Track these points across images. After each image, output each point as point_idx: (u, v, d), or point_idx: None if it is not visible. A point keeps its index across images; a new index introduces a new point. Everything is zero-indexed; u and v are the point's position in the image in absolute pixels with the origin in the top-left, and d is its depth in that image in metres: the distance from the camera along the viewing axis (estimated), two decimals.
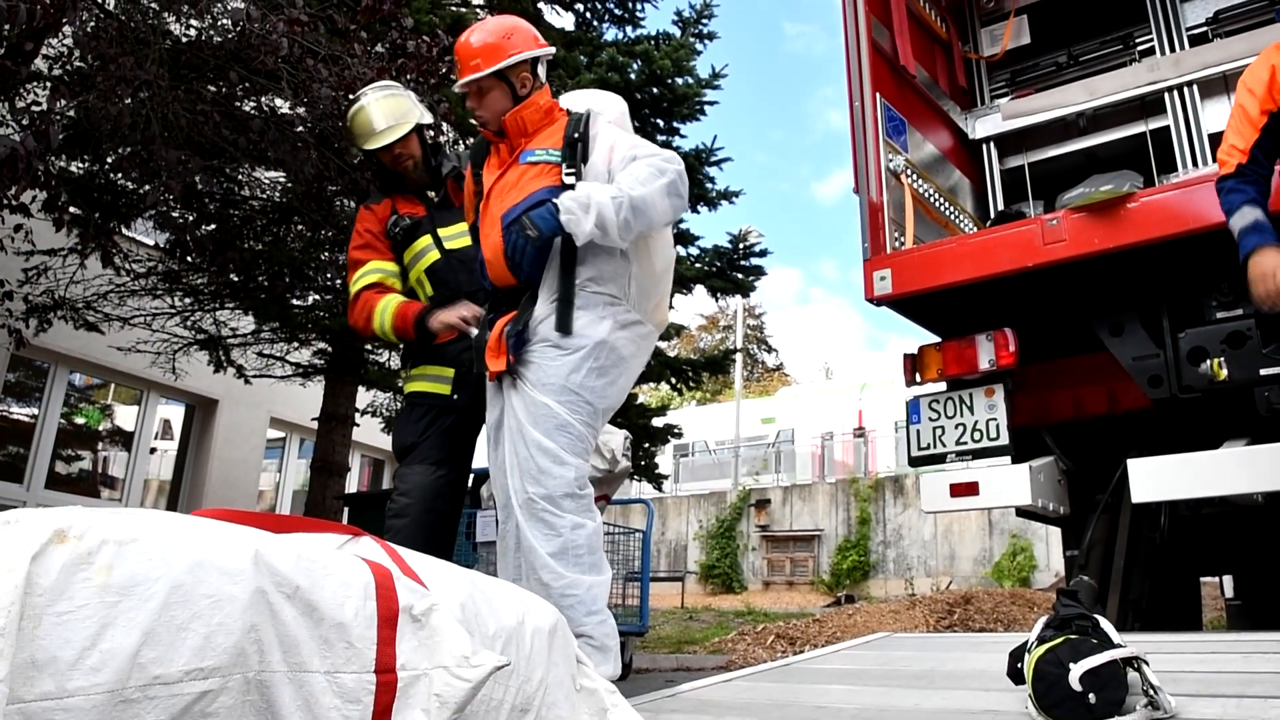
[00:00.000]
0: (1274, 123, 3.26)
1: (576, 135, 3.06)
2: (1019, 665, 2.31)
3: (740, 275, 10.69)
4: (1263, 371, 3.74)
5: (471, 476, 4.91)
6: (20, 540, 1.20)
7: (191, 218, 7.28)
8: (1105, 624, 2.24)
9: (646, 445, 10.62)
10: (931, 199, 5.16)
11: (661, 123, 10.09)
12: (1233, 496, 3.82)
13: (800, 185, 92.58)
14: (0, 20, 4.05)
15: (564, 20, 10.33)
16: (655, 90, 9.63)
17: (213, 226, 7.50)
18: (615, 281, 3.01)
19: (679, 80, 9.77)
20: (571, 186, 2.95)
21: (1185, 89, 5.05)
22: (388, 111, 3.67)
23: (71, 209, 6.50)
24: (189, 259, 7.81)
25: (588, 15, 10.38)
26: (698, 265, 10.33)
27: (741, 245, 10.65)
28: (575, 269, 2.95)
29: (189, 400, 12.40)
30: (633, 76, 9.37)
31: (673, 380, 10.96)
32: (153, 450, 12.32)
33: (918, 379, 4.73)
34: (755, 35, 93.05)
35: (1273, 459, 3.56)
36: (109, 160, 6.55)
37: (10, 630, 1.13)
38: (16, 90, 5.73)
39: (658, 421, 11.04)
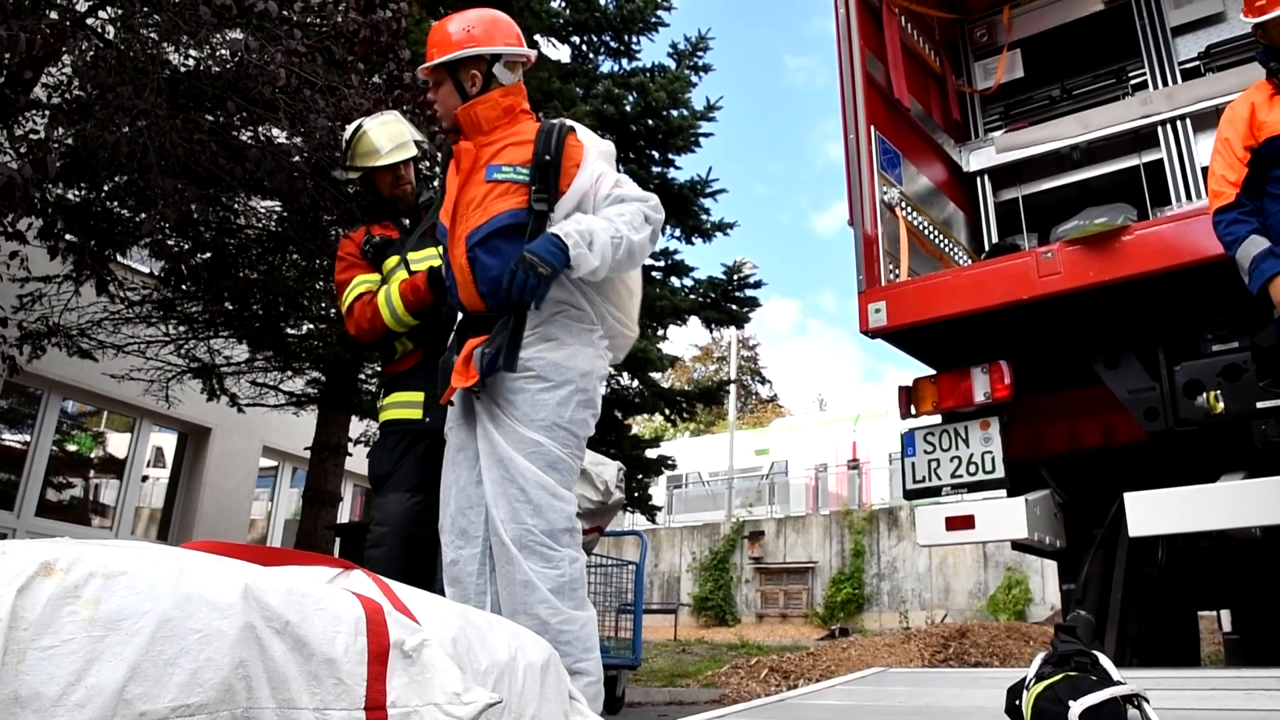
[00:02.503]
0: (1256, 158, 3.37)
1: (548, 157, 2.92)
2: (1017, 702, 2.28)
3: (735, 306, 10.73)
4: (1259, 404, 3.73)
5: None
6: (6, 573, 1.18)
7: (187, 246, 7.30)
8: (1104, 660, 2.22)
9: (640, 477, 10.62)
10: (926, 231, 5.17)
11: (656, 154, 10.17)
12: (1230, 530, 3.81)
13: (799, 217, 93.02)
14: (0, 49, 4.06)
15: (560, 53, 10.41)
16: (650, 122, 9.72)
17: (208, 255, 7.52)
18: (591, 308, 2.95)
19: (674, 112, 9.86)
20: (543, 213, 2.87)
21: (1178, 122, 5.09)
22: (391, 134, 3.74)
23: (67, 236, 6.52)
24: (184, 287, 7.83)
25: (584, 48, 10.48)
26: (692, 296, 10.36)
27: (736, 277, 10.69)
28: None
29: (182, 428, 12.35)
30: (628, 108, 9.45)
31: (666, 411, 10.97)
32: (145, 478, 12.27)
33: (913, 412, 4.71)
34: (756, 68, 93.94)
35: (1270, 492, 3.54)
36: (106, 188, 6.57)
37: None
38: (15, 118, 5.76)
39: (651, 453, 11.04)
